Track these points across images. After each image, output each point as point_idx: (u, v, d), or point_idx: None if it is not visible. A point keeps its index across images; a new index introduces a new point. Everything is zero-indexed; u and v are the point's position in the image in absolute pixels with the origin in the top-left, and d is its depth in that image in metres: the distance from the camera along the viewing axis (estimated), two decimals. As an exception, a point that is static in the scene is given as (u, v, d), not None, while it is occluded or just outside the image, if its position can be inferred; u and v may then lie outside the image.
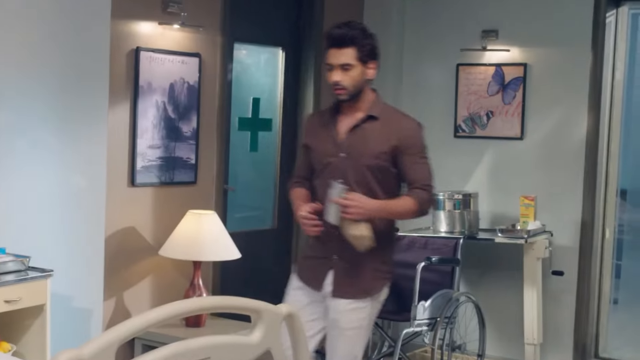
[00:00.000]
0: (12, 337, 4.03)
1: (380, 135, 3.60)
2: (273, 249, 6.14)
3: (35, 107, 4.36)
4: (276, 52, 6.10)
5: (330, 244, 3.66)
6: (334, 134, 3.66)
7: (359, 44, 3.58)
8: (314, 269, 3.73)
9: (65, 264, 4.36)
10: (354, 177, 3.58)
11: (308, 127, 3.87)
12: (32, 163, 4.37)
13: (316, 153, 3.71)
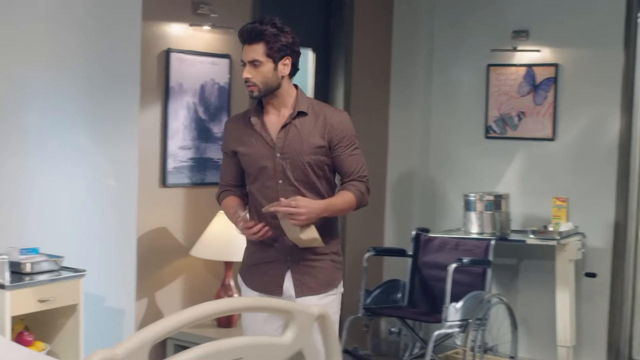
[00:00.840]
0: (46, 337, 4.06)
1: (313, 129, 3.53)
2: (303, 250, 6.13)
3: (67, 109, 4.40)
4: (306, 53, 6.10)
5: (279, 246, 3.56)
6: (265, 135, 3.54)
7: (268, 39, 3.47)
8: (268, 274, 3.59)
9: (97, 264, 4.39)
10: (295, 176, 3.51)
11: (231, 133, 3.67)
12: (64, 164, 4.40)
13: (248, 158, 3.57)
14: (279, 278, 3.57)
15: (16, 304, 3.74)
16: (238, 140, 3.60)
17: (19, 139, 4.23)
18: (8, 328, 3.69)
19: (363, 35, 6.21)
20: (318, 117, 3.55)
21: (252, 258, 3.66)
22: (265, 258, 3.60)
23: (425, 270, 5.63)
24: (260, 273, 3.62)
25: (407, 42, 6.45)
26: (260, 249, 3.61)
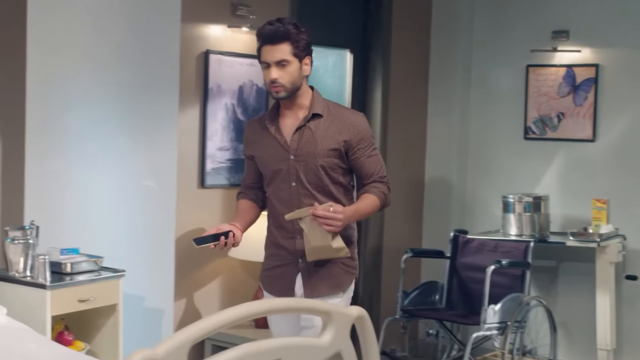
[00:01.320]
0: (86, 336, 4.10)
1: (328, 132, 3.48)
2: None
3: (107, 112, 4.43)
4: (344, 54, 6.10)
5: (292, 249, 3.52)
6: (279, 138, 3.51)
7: (294, 39, 3.45)
8: (281, 277, 3.58)
9: (137, 265, 4.42)
10: (308, 179, 3.47)
11: (248, 136, 3.67)
12: (104, 166, 4.44)
13: (263, 160, 3.56)
14: (291, 281, 3.54)
15: (56, 303, 3.78)
16: (254, 144, 3.60)
17: (61, 142, 4.27)
18: (48, 327, 3.72)
19: (401, 36, 6.20)
20: (334, 119, 3.51)
21: (268, 261, 3.65)
22: (279, 261, 3.58)
23: (463, 272, 5.60)
24: (274, 276, 3.61)
25: (445, 42, 6.43)
26: (274, 252, 3.61)
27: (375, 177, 3.55)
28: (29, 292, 3.78)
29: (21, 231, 3.91)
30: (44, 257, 3.82)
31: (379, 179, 3.55)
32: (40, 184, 4.20)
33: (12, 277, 3.86)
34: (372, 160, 3.55)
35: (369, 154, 3.54)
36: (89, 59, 4.36)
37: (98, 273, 4.04)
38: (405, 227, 6.38)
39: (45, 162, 4.21)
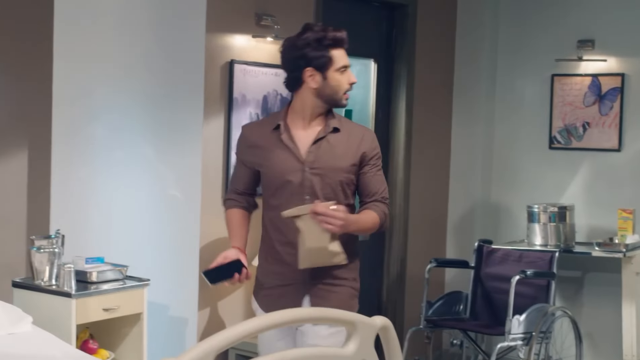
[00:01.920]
0: (111, 345, 4.11)
1: (347, 147, 3.36)
2: (365, 260, 6.12)
3: (132, 121, 4.46)
4: (368, 64, 6.10)
5: (294, 267, 3.29)
6: (292, 147, 3.33)
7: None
8: (285, 297, 3.34)
9: (161, 274, 4.43)
10: (325, 194, 3.30)
11: (251, 140, 3.44)
12: (129, 175, 4.46)
13: (271, 170, 3.36)
14: (297, 303, 3.32)
15: (81, 312, 3.79)
16: (259, 149, 3.40)
17: (86, 150, 4.30)
18: (74, 336, 3.74)
19: (425, 45, 6.19)
20: (350, 134, 3.39)
21: (268, 279, 3.43)
22: (281, 280, 3.37)
23: (487, 282, 5.58)
24: (276, 296, 3.38)
25: (469, 52, 6.42)
26: (277, 270, 3.39)
27: (379, 196, 3.42)
28: (55, 301, 3.80)
29: (47, 240, 3.93)
30: (70, 266, 3.84)
31: (382, 199, 3.43)
32: (66, 192, 4.22)
33: (38, 285, 3.88)
34: (379, 178, 3.44)
35: (377, 172, 3.43)
36: (114, 68, 4.38)
37: (123, 282, 4.06)
38: (429, 236, 6.37)
39: (71, 171, 4.24)
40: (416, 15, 6.12)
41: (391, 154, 6.15)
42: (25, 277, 4.07)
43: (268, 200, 3.42)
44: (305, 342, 3.31)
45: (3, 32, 4.09)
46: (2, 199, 4.13)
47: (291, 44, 3.37)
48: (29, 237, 4.05)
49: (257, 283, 3.48)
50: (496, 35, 6.43)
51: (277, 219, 3.32)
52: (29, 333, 3.38)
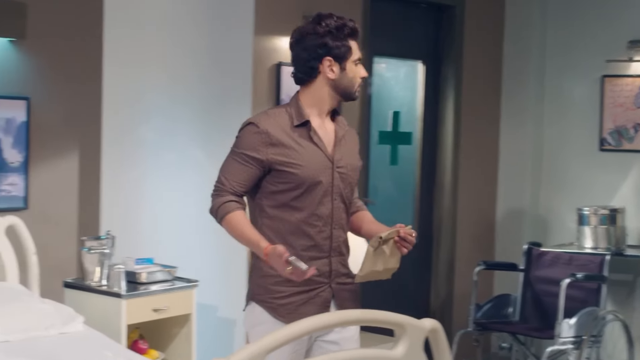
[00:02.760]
0: (160, 345, 4.15)
1: (354, 145, 3.24)
2: (412, 263, 6.11)
3: (181, 124, 4.49)
4: (416, 65, 6.08)
5: (326, 271, 3.08)
6: (321, 145, 3.07)
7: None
8: (311, 303, 3.08)
9: (210, 275, 4.46)
10: (346, 194, 3.12)
11: (266, 140, 3.03)
12: (179, 178, 4.49)
13: (301, 170, 3.01)
14: (325, 307, 3.08)
15: (132, 312, 3.83)
16: (284, 148, 3.02)
17: (137, 153, 4.34)
18: (124, 336, 3.78)
19: (473, 47, 6.16)
20: (349, 131, 3.24)
21: (280, 287, 3.06)
22: (303, 284, 3.01)
23: (537, 285, 5.53)
24: (298, 303, 3.07)
25: (518, 53, 6.37)
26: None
27: (356, 192, 3.26)
28: (105, 301, 3.84)
29: (97, 241, 3.98)
30: (120, 267, 3.88)
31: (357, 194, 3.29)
32: (116, 194, 4.27)
33: (89, 286, 3.93)
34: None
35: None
36: (163, 72, 4.42)
37: (172, 283, 4.09)
38: (477, 239, 6.33)
39: (121, 173, 4.29)
40: (464, 17, 6.09)
41: (439, 156, 6.13)
42: (76, 277, 4.12)
43: (291, 204, 3.05)
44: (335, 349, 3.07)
45: (55, 36, 4.15)
46: (54, 200, 4.19)
47: (310, 32, 3.10)
48: (80, 238, 4.11)
49: (264, 291, 3.10)
50: (545, 36, 6.37)
51: (305, 224, 3.05)
52: (81, 333, 3.42)
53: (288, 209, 3.05)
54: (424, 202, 6.13)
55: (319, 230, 3.05)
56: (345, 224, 3.14)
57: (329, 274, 3.09)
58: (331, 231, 3.08)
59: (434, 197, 6.17)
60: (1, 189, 4.02)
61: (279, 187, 3.05)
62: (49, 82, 4.15)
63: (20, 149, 4.06)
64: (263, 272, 3.09)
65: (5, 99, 4.00)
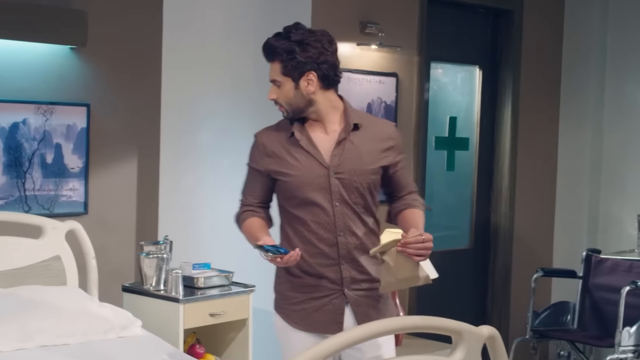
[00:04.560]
0: (217, 350, 4.17)
1: (372, 146, 3.07)
2: (469, 269, 6.07)
3: (238, 129, 4.51)
4: (473, 70, 6.05)
5: (337, 277, 3.05)
6: (314, 152, 3.04)
7: (282, 57, 3.03)
8: (323, 310, 3.07)
9: (265, 280, 4.46)
10: (353, 199, 3.04)
11: (265, 149, 3.13)
12: (235, 182, 4.50)
13: (295, 179, 3.04)
14: (338, 314, 3.05)
15: (189, 317, 3.86)
16: (277, 159, 3.09)
17: (194, 158, 4.38)
18: (181, 340, 3.80)
19: (531, 51, 6.10)
20: (373, 131, 3.10)
21: (295, 293, 3.11)
22: (314, 291, 3.07)
23: (596, 292, 5.46)
24: (311, 310, 3.08)
25: (577, 57, 6.29)
26: (310, 283, 3.09)
27: (411, 188, 3.18)
28: (163, 306, 3.88)
29: (155, 246, 4.01)
30: (177, 272, 3.91)
31: (413, 189, 3.19)
32: (174, 199, 4.31)
33: (147, 290, 3.97)
34: (407, 171, 3.20)
35: (403, 165, 3.16)
36: (221, 77, 4.45)
37: (229, 288, 4.11)
38: (535, 245, 6.26)
39: (179, 178, 4.33)
40: (522, 21, 6.04)
41: (496, 160, 6.09)
42: (135, 281, 4.17)
43: (292, 212, 3.10)
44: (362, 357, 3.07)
45: (114, 43, 4.20)
46: (113, 205, 4.24)
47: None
48: (138, 243, 4.15)
49: (281, 297, 3.19)
50: (605, 39, 6.29)
51: (307, 231, 3.06)
52: (139, 337, 3.46)
53: (292, 218, 3.11)
54: (481, 208, 6.08)
55: (321, 237, 3.04)
56: (356, 229, 3.05)
57: (340, 280, 3.04)
58: (336, 238, 3.03)
59: (491, 203, 6.13)
60: (62, 194, 4.08)
61: (282, 197, 3.14)
62: (108, 89, 4.21)
63: (80, 154, 4.12)
64: (280, 280, 3.20)
65: (66, 105, 4.06)
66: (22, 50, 3.93)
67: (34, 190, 4.00)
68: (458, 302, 5.73)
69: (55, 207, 4.06)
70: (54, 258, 3.78)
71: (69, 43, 4.03)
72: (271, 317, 4.60)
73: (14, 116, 3.91)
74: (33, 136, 3.97)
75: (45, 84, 4.01)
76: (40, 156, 4.00)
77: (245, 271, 4.28)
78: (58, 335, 3.26)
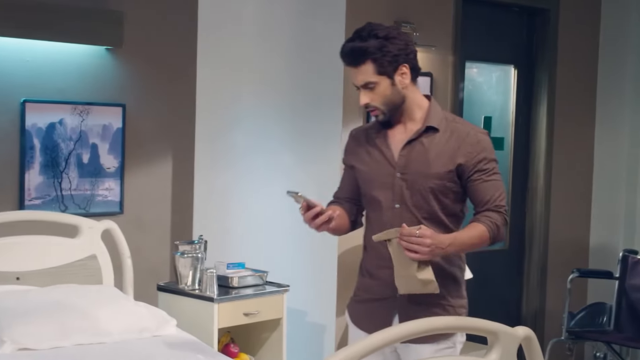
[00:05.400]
0: (251, 349, 4.18)
1: (444, 150, 2.95)
2: (504, 270, 6.04)
3: (272, 130, 4.52)
4: (508, 70, 6.02)
5: (387, 279, 2.94)
6: (386, 151, 3.01)
7: (375, 56, 2.91)
8: (375, 313, 3.05)
9: (300, 280, 4.48)
10: (414, 202, 2.95)
11: (351, 145, 3.16)
12: (269, 182, 4.53)
13: (365, 175, 3.05)
14: (387, 320, 3.00)
15: (223, 316, 3.87)
16: (356, 155, 3.11)
17: (229, 158, 4.39)
18: (215, 340, 3.82)
19: (567, 51, 6.06)
20: (452, 135, 2.98)
21: (359, 292, 3.15)
22: (372, 293, 3.06)
23: (633, 293, 5.41)
24: (367, 311, 3.09)
25: (614, 57, 6.23)
26: (367, 283, 3.10)
27: (490, 204, 2.95)
28: (198, 305, 3.89)
29: (190, 245, 4.03)
30: (212, 271, 3.92)
31: (494, 207, 2.95)
32: (208, 199, 4.33)
33: (182, 290, 3.99)
34: (490, 185, 2.96)
35: (487, 178, 2.96)
36: (255, 77, 4.46)
37: (263, 287, 4.12)
38: (571, 246, 6.22)
39: (213, 178, 4.34)
40: (558, 20, 5.99)
41: (531, 160, 6.05)
42: (170, 281, 4.19)
43: (365, 208, 3.13)
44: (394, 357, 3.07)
45: (150, 44, 4.23)
46: (148, 205, 4.27)
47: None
48: (173, 243, 4.17)
49: (353, 292, 3.21)
50: (642, 39, 6.23)
51: (370, 230, 3.04)
52: (174, 336, 3.48)
53: (367, 215, 3.13)
54: (516, 209, 6.05)
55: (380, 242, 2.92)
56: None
57: (393, 286, 2.92)
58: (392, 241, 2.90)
59: (527, 203, 6.09)
60: (98, 193, 4.11)
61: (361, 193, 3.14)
62: (144, 89, 4.23)
63: (116, 154, 4.15)
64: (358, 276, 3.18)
65: (102, 105, 4.09)
66: (59, 51, 3.96)
67: (70, 190, 4.03)
68: (493, 303, 5.70)
69: (91, 207, 4.09)
70: (90, 257, 3.81)
71: (105, 44, 4.06)
72: (305, 317, 4.64)
73: (50, 116, 3.95)
74: (69, 136, 4.01)
75: (81, 84, 4.05)
76: (77, 156, 4.04)
77: (280, 271, 4.29)
78: (94, 334, 3.28)
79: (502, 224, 2.97)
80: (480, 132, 3.03)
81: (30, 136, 3.90)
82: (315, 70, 4.66)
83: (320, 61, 4.66)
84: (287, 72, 4.57)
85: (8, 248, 3.62)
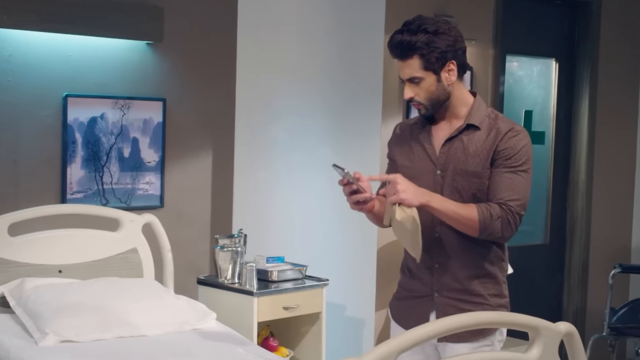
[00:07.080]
0: (290, 343, 4.19)
1: (481, 148, 2.88)
2: (545, 265, 5.99)
3: (311, 123, 4.52)
4: (549, 63, 5.96)
5: (425, 278, 2.97)
6: (428, 147, 2.97)
7: (423, 51, 2.83)
8: (413, 310, 3.03)
9: (339, 274, 4.48)
10: (452, 199, 2.86)
11: (395, 140, 3.10)
12: (309, 178, 4.53)
13: (406, 170, 2.95)
14: (424, 317, 2.98)
15: (262, 310, 3.88)
16: (400, 149, 3.06)
17: (268, 152, 4.40)
18: (255, 333, 3.83)
19: (610, 44, 5.99)
20: (490, 132, 2.90)
21: (400, 290, 3.13)
22: (411, 291, 3.05)
23: (676, 289, 5.34)
24: (406, 308, 3.08)
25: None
26: (406, 281, 3.08)
27: (500, 199, 2.83)
28: (237, 299, 3.91)
29: (230, 239, 4.05)
30: (252, 265, 3.93)
31: (502, 202, 2.83)
32: (248, 193, 4.34)
33: (222, 283, 4.00)
34: (509, 181, 2.84)
35: (509, 174, 2.85)
36: (295, 74, 4.47)
37: (302, 281, 4.12)
38: (613, 241, 6.15)
39: (252, 173, 4.35)
40: (600, 13, 5.93)
41: (573, 155, 6.00)
42: (209, 274, 4.21)
43: None
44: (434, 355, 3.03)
45: (190, 39, 4.25)
46: (189, 199, 4.29)
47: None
48: (213, 236, 4.19)
49: (396, 289, 3.18)
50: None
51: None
52: (213, 329, 3.49)
53: None
54: (557, 203, 6.00)
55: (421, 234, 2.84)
56: (451, 233, 2.89)
57: (431, 285, 2.95)
58: (432, 239, 2.90)
59: (568, 197, 6.04)
60: (138, 187, 4.14)
61: None
62: (184, 84, 4.25)
63: (156, 148, 4.18)
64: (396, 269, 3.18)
65: (142, 100, 4.12)
66: (100, 45, 4.00)
67: (111, 184, 4.07)
68: (534, 298, 5.66)
69: (132, 201, 4.12)
70: (131, 250, 3.84)
71: (145, 39, 4.09)
72: (344, 311, 4.64)
73: (92, 111, 3.99)
74: (111, 130, 4.04)
75: (122, 79, 4.08)
76: (118, 150, 4.07)
77: (319, 265, 4.30)
78: (135, 327, 3.31)
79: (499, 218, 2.82)
80: (518, 129, 2.92)
81: (72, 130, 3.94)
82: (355, 66, 4.65)
83: (359, 56, 4.65)
84: (326, 68, 4.57)
85: (50, 241, 3.66)
